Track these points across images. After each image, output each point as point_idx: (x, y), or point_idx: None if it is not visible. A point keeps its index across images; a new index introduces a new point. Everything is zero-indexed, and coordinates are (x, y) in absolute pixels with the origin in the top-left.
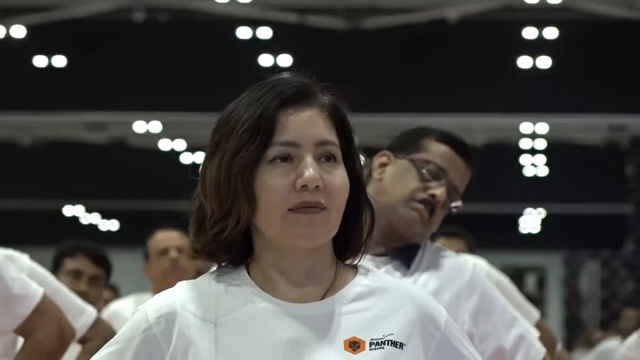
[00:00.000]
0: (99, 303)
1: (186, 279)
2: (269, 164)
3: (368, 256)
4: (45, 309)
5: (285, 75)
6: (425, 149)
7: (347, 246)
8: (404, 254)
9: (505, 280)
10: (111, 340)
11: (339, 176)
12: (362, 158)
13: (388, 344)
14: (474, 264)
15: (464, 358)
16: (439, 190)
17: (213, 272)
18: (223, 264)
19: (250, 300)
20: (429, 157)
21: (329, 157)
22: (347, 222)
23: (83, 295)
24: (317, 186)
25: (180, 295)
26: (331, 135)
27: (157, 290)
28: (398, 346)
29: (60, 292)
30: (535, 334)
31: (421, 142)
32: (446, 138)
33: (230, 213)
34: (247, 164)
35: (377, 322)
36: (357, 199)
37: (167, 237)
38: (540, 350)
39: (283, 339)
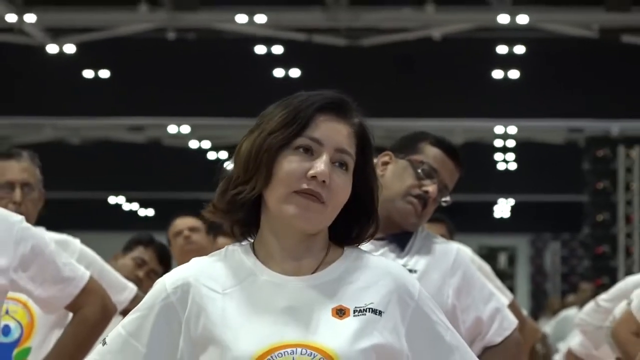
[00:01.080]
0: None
1: (203, 254)
2: (293, 150)
3: None
4: (91, 289)
5: (330, 91)
6: (422, 151)
7: (348, 238)
8: (399, 239)
9: (486, 267)
10: (136, 308)
11: (344, 182)
12: None
13: (369, 312)
14: (458, 248)
15: (435, 323)
16: (431, 188)
17: (223, 250)
18: (234, 226)
19: (253, 274)
20: (424, 158)
21: (342, 164)
22: (354, 224)
23: (138, 282)
24: (324, 181)
25: (194, 269)
26: (351, 148)
27: None
28: (377, 313)
29: (107, 271)
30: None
31: (418, 146)
32: (439, 143)
33: (250, 180)
34: (276, 144)
35: (360, 292)
36: (368, 209)
37: (181, 222)
38: (513, 321)
39: (280, 306)
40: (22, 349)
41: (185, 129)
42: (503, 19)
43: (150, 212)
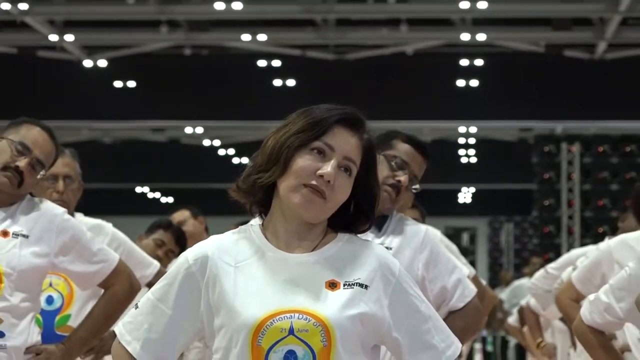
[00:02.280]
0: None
1: (195, 238)
2: (309, 151)
3: None
4: (120, 270)
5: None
6: (395, 147)
7: (344, 229)
8: (377, 222)
9: (453, 247)
10: (162, 277)
11: (345, 184)
12: None
13: (357, 285)
14: (427, 228)
15: (412, 297)
16: (403, 178)
17: (237, 229)
18: (251, 203)
19: (261, 250)
20: (396, 153)
21: (347, 170)
22: (353, 220)
23: (157, 260)
24: (329, 181)
25: (212, 245)
26: (357, 158)
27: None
28: (364, 287)
29: (135, 250)
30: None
31: (392, 142)
32: (410, 140)
33: (270, 169)
34: (296, 143)
35: (349, 269)
36: (367, 211)
37: (174, 216)
38: (473, 290)
39: (283, 278)
40: (63, 315)
41: (200, 129)
42: (465, 36)
43: (170, 199)
